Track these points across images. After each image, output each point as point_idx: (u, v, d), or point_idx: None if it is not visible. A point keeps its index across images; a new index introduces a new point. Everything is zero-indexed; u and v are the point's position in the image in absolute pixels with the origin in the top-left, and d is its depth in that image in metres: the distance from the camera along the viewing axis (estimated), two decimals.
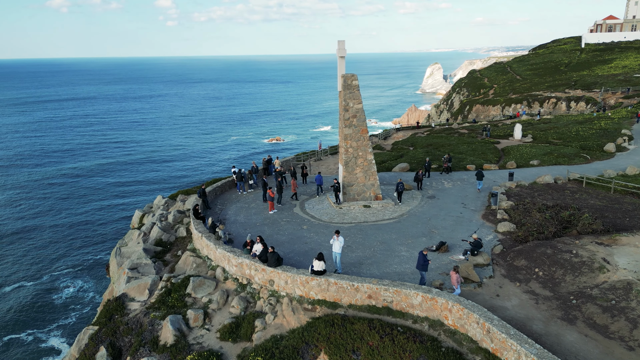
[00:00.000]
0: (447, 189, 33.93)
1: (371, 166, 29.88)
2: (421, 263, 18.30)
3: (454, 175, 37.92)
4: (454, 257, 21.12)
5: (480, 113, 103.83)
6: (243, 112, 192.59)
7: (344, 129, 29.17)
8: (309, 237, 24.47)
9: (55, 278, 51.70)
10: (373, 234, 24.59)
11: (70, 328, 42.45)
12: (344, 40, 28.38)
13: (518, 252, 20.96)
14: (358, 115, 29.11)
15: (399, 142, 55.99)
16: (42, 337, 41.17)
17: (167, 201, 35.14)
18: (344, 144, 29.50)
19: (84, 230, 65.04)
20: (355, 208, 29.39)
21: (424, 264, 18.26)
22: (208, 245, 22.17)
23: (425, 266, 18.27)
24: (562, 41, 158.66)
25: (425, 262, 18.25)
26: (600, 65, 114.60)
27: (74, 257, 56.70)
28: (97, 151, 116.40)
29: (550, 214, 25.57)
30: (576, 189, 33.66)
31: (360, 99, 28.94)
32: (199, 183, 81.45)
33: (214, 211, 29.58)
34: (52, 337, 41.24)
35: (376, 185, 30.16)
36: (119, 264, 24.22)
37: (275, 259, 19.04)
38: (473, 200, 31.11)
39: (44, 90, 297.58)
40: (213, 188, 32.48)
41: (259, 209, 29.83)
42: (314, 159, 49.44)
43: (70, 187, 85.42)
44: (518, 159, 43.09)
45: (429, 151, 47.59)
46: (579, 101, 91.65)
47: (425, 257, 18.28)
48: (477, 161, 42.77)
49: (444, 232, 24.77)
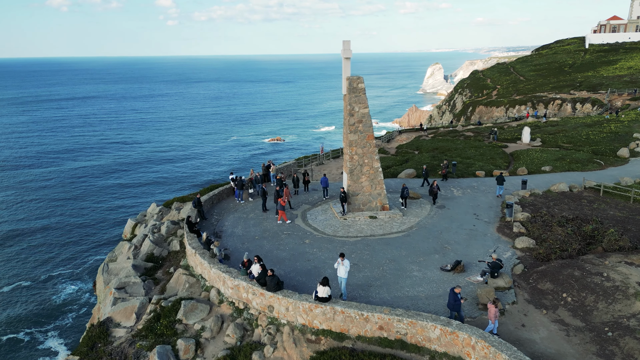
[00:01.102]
0: (456, 197, 32.06)
1: (378, 174, 28.00)
2: (452, 302, 15.71)
3: (463, 182, 36.05)
4: (471, 279, 19.26)
5: (483, 114, 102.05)
6: (243, 112, 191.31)
7: (349, 134, 27.30)
8: (311, 254, 22.60)
9: (54, 278, 50.73)
10: (381, 250, 22.73)
11: (68, 329, 41.80)
12: (349, 41, 26.51)
13: (542, 274, 19.10)
14: (364, 120, 27.24)
15: (404, 146, 54.11)
16: (39, 338, 40.50)
17: (162, 209, 33.25)
18: (348, 151, 27.63)
19: (82, 230, 63.76)
20: (361, 219, 27.52)
21: (455, 304, 15.63)
22: (202, 264, 20.30)
23: (457, 306, 15.66)
24: (566, 42, 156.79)
25: (456, 301, 15.62)
26: (605, 66, 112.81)
27: (72, 257, 55.69)
28: (96, 151, 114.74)
29: (571, 228, 23.72)
30: (593, 198, 31.83)
31: (367, 103, 27.08)
32: (198, 187, 79.91)
33: (209, 222, 27.70)
34: (49, 338, 40.56)
35: (383, 195, 28.29)
36: (105, 282, 22.34)
37: (275, 284, 17.17)
38: (485, 210, 29.25)
39: (44, 89, 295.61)
40: (209, 197, 30.58)
41: (258, 219, 27.95)
42: (316, 162, 47.60)
43: (69, 187, 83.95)
44: (529, 165, 41.22)
45: (435, 156, 45.71)
46: (584, 103, 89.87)
47: (457, 295, 15.65)
48: (486, 167, 40.90)
49: (457, 248, 22.91)
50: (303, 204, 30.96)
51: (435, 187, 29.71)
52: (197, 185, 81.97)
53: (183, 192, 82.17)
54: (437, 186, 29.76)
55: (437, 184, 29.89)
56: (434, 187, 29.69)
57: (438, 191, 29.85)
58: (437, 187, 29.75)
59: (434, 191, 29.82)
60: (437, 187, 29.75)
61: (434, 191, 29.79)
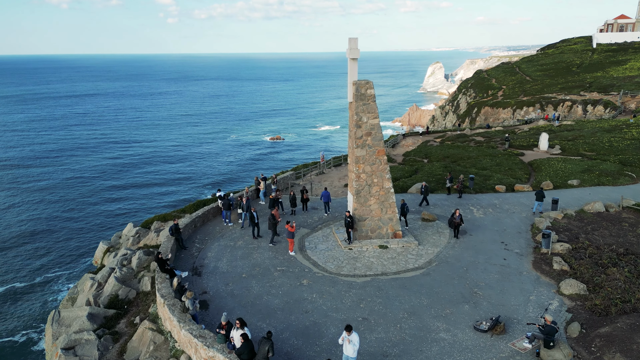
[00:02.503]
0: (478, 219, 27.76)
1: (389, 196, 23.69)
2: None
3: (483, 200, 31.72)
4: (516, 346, 14.96)
5: (489, 116, 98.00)
6: (243, 110, 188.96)
7: (356, 149, 22.94)
8: (310, 301, 18.27)
9: (49, 280, 49.28)
10: (396, 297, 18.40)
11: None
12: (356, 38, 22.10)
13: (607, 340, 14.81)
14: (374, 132, 22.89)
15: (411, 153, 49.71)
16: (34, 338, 39.42)
17: (139, 231, 28.88)
18: (355, 169, 23.28)
19: (78, 231, 62.02)
20: (370, 249, 23.21)
21: None
22: (171, 320, 15.99)
23: None
24: (572, 41, 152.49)
25: None
26: (614, 67, 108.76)
27: (68, 258, 54.30)
28: (94, 150, 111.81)
29: (629, 268, 19.44)
30: (635, 221, 27.60)
31: (377, 112, 22.75)
32: (187, 197, 75.61)
33: (189, 252, 23.35)
34: (44, 339, 37.87)
35: (395, 220, 23.97)
36: (54, 336, 17.99)
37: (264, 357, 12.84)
38: (514, 237, 24.95)
39: (43, 87, 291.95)
40: (192, 219, 26.19)
41: (248, 249, 23.59)
42: (317, 172, 43.29)
43: (66, 187, 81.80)
44: (553, 177, 36.94)
45: (447, 165, 41.33)
46: (596, 105, 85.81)
47: None
48: (506, 179, 36.59)
49: (490, 294, 18.60)
50: (301, 227, 26.60)
51: (458, 218, 23.90)
52: (185, 195, 77.16)
53: (175, 196, 78.65)
54: (460, 217, 23.96)
55: (459, 213, 23.99)
56: (456, 218, 23.96)
57: (461, 223, 24.07)
58: (460, 218, 23.95)
59: (455, 222, 24.07)
60: (459, 217, 23.92)
61: (455, 222, 24.02)
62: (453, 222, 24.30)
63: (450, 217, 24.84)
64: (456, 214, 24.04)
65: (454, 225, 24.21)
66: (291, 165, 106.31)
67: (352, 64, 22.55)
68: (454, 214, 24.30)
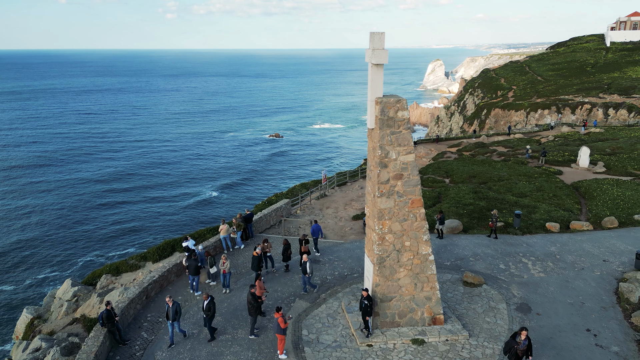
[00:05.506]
0: (537, 281, 20.25)
1: (427, 266, 16.09)
2: None
3: (535, 246, 24.14)
4: None
5: (500, 118, 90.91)
6: (241, 108, 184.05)
7: (379, 199, 15.30)
8: None
9: (40, 282, 47.75)
10: None
11: None
12: (383, 33, 14.32)
13: None
14: (406, 174, 15.25)
15: (428, 170, 41.78)
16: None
17: (78, 292, 21.28)
18: (376, 227, 15.64)
19: (73, 233, 59.64)
20: (399, 346, 15.65)
21: None
22: None
23: None
24: (583, 39, 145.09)
25: None
26: (631, 67, 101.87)
27: (59, 259, 52.59)
28: (93, 150, 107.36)
29: None
30: None
31: (412, 144, 15.10)
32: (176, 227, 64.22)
33: (130, 351, 15.70)
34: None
35: (435, 300, 16.38)
36: None
37: None
38: (601, 316, 17.47)
39: (41, 82, 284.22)
40: (143, 288, 18.42)
41: (218, 345, 15.93)
42: (317, 195, 35.77)
43: (64, 187, 78.56)
44: (612, 209, 29.36)
45: (476, 190, 33.56)
46: (618, 108, 78.85)
47: None
48: (555, 212, 28.88)
49: None
50: (296, 297, 18.99)
51: (523, 344, 13.58)
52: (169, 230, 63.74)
53: (170, 200, 72.13)
54: (528, 341, 13.62)
55: (527, 335, 13.64)
56: (520, 344, 13.60)
57: (529, 356, 13.80)
58: (528, 344, 13.61)
59: (518, 352, 13.63)
60: (526, 343, 13.57)
61: (520, 353, 13.65)
62: (514, 351, 13.66)
63: (510, 339, 13.89)
64: (522, 335, 13.65)
65: (515, 355, 13.69)
66: (290, 165, 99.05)
67: (376, 71, 14.80)
68: (516, 335, 13.84)
